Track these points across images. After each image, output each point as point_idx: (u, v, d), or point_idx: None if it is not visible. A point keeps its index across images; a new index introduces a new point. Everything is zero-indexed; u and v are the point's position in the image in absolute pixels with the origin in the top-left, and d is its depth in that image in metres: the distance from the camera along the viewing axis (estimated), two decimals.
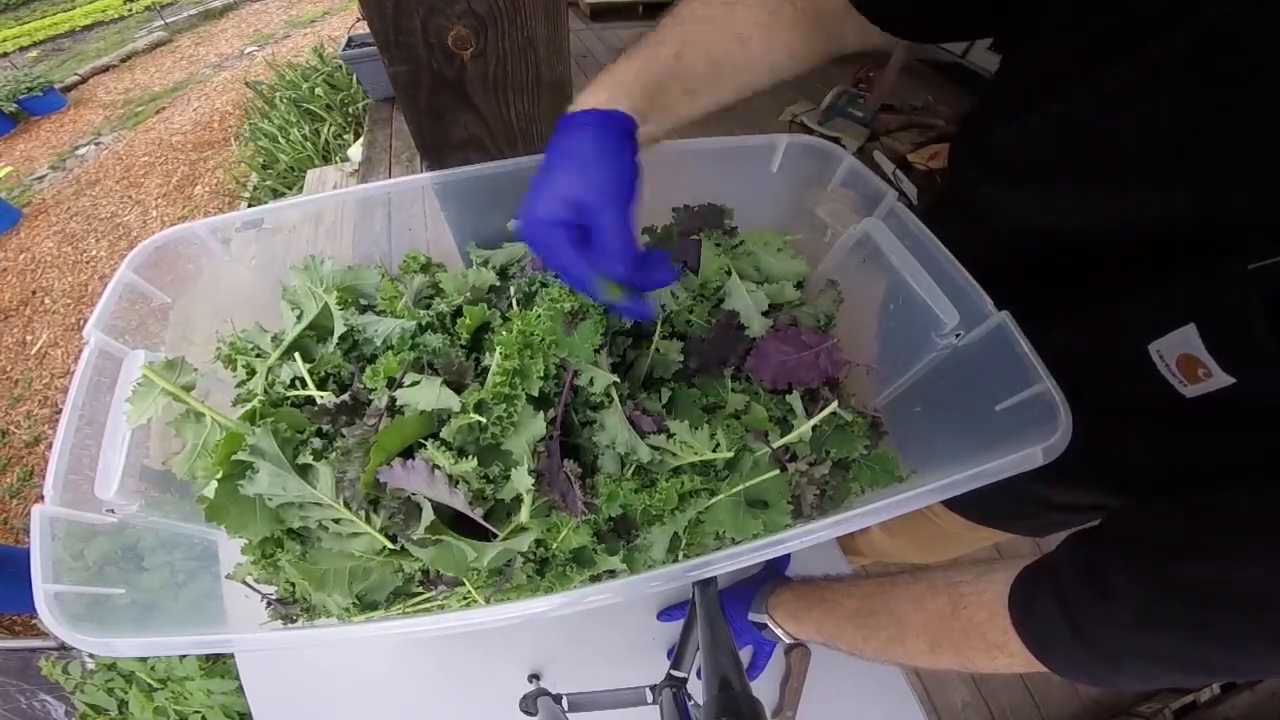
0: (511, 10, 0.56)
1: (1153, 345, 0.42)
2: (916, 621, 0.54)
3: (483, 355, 0.56)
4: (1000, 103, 0.55)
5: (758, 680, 0.72)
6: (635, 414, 0.53)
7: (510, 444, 0.49)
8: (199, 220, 0.63)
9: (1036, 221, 0.51)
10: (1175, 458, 0.46)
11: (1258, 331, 0.35)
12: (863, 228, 0.61)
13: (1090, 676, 0.44)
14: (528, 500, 0.48)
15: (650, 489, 0.51)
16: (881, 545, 1.08)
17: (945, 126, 2.77)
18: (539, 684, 0.73)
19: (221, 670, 1.29)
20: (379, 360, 0.55)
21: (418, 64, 0.58)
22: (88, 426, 0.51)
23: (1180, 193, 0.41)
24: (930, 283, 0.54)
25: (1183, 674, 0.42)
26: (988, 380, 0.50)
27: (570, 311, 0.55)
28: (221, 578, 0.57)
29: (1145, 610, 0.40)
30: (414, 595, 0.54)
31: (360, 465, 0.47)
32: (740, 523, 0.50)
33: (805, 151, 0.66)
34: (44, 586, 0.42)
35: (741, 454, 0.54)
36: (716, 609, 0.59)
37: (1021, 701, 1.48)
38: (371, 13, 0.54)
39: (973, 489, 0.43)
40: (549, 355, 0.51)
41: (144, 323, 0.61)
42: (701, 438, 0.51)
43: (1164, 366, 0.42)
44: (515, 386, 0.49)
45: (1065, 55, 0.46)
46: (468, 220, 0.71)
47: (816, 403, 0.57)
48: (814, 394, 0.59)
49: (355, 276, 0.64)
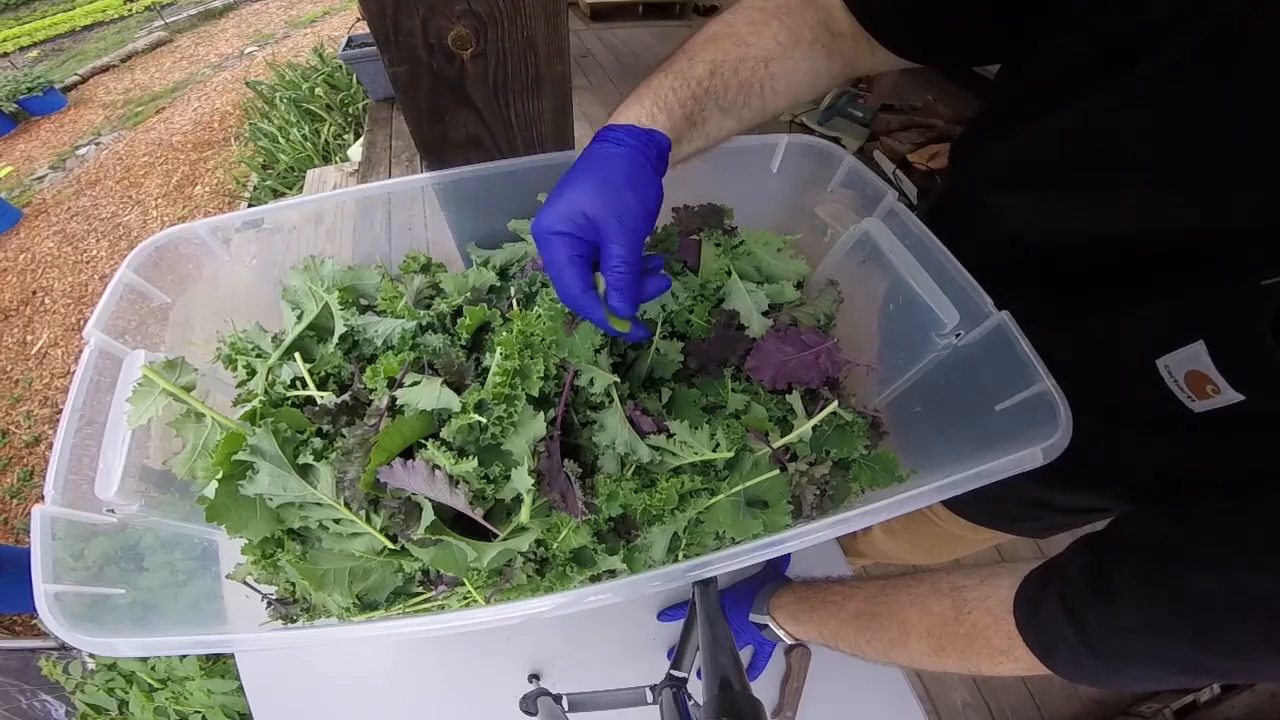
0: (511, 10, 0.56)
1: (1161, 360, 0.42)
2: (920, 625, 0.54)
3: (483, 355, 0.56)
4: (1005, 110, 0.55)
5: (758, 680, 0.72)
6: (635, 414, 0.53)
7: (510, 444, 0.49)
8: (199, 220, 0.63)
9: (1041, 230, 0.51)
10: (1180, 469, 0.46)
11: (1268, 349, 0.35)
12: (863, 228, 0.61)
13: (1094, 679, 0.44)
14: (528, 500, 0.48)
15: (650, 489, 0.51)
16: (882, 546, 1.08)
17: (945, 126, 2.76)
18: (539, 684, 0.73)
19: (221, 670, 1.29)
20: (379, 360, 0.55)
21: (418, 64, 0.58)
22: (88, 426, 0.51)
23: (1187, 205, 0.40)
24: (930, 283, 0.54)
25: (1185, 677, 0.42)
26: (988, 380, 0.50)
27: (570, 311, 0.55)
28: (221, 578, 0.57)
29: (1149, 615, 0.40)
30: (414, 595, 0.54)
31: (361, 465, 0.47)
32: (740, 523, 0.50)
33: (805, 151, 0.66)
34: (44, 586, 0.42)
35: (741, 454, 0.54)
36: (716, 609, 0.59)
37: (1022, 701, 1.48)
38: (371, 13, 0.54)
39: (973, 490, 0.43)
40: (549, 355, 0.51)
41: (144, 323, 0.61)
42: (701, 438, 0.51)
43: (1172, 381, 0.42)
44: (515, 387, 0.49)
45: (1069, 65, 0.45)
46: (468, 220, 0.71)
47: (816, 403, 0.57)
48: (814, 394, 0.59)
49: (355, 276, 0.64)
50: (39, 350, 2.90)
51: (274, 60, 4.12)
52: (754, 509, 0.52)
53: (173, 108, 4.74)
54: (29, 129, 4.68)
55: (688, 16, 4.81)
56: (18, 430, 2.57)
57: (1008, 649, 0.48)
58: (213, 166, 3.94)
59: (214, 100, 4.71)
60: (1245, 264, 0.38)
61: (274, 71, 3.67)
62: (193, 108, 4.67)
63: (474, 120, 0.65)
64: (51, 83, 4.82)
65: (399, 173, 2.53)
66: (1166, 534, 0.43)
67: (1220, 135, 0.38)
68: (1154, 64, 0.39)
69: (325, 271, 0.62)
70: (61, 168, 4.20)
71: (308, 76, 3.51)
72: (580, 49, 4.10)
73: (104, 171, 4.07)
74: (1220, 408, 0.39)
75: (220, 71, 5.20)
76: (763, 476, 0.52)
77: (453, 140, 0.66)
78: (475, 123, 0.65)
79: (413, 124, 0.64)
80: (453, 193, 0.68)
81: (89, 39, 6.11)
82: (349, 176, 2.61)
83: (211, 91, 4.87)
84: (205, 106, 4.64)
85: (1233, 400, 0.38)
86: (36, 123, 4.74)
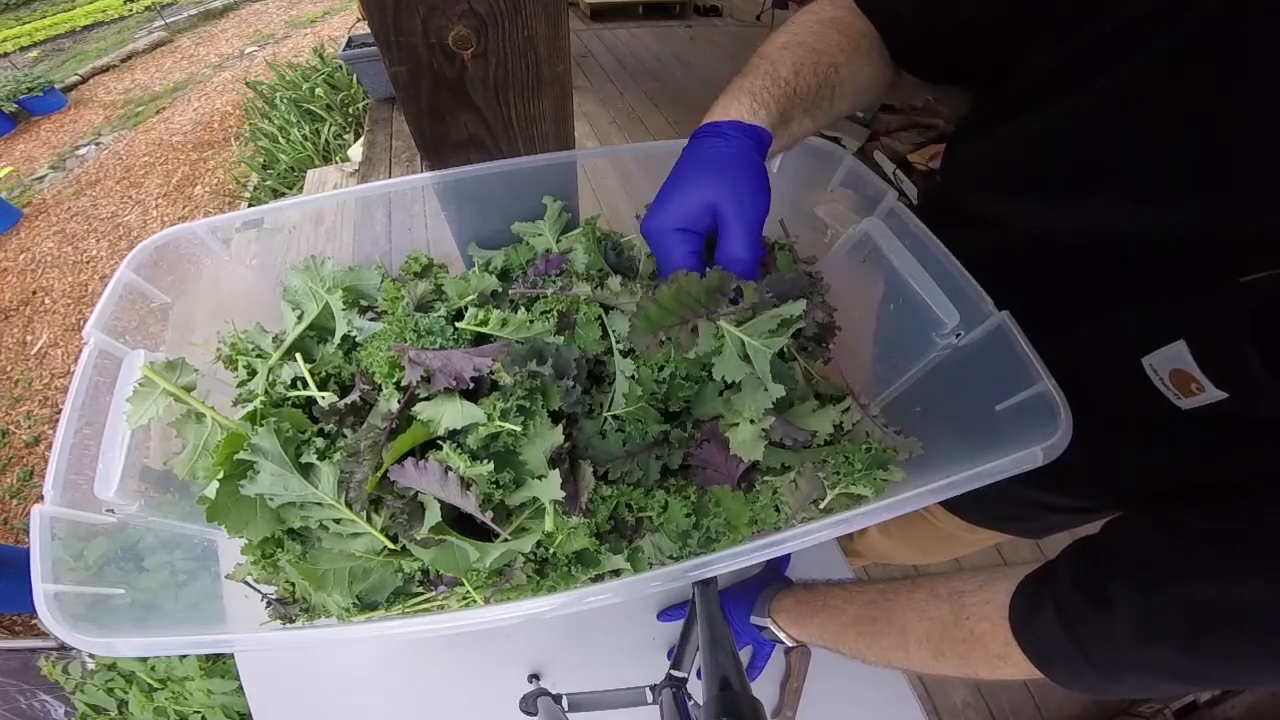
0: (512, 10, 0.56)
1: (1146, 359, 0.42)
2: (919, 630, 0.54)
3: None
4: (990, 111, 0.55)
5: (758, 680, 0.72)
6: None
7: (526, 453, 0.49)
8: (199, 220, 0.63)
9: (1029, 229, 0.52)
10: (1172, 469, 0.46)
11: (1245, 347, 0.35)
12: (863, 228, 0.61)
13: (1091, 688, 0.45)
14: (550, 509, 0.48)
15: (650, 495, 0.51)
16: (879, 546, 1.08)
17: (945, 126, 2.77)
18: (539, 684, 0.73)
19: (221, 670, 1.29)
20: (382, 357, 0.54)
21: (418, 64, 0.58)
22: (88, 426, 0.51)
23: (1167, 205, 0.41)
24: (930, 283, 0.54)
25: (1181, 685, 0.42)
26: (988, 380, 0.50)
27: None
28: (221, 578, 0.57)
29: (1144, 625, 0.40)
30: (414, 595, 0.54)
31: (371, 466, 0.47)
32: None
33: (805, 151, 0.66)
34: (44, 586, 0.42)
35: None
36: (716, 609, 0.59)
37: (1022, 702, 1.48)
38: (372, 12, 0.54)
39: (971, 490, 0.43)
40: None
41: (144, 323, 0.61)
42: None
43: (1158, 380, 0.42)
44: (535, 402, 0.49)
45: (1051, 69, 0.46)
46: (468, 220, 0.71)
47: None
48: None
49: (356, 277, 0.64)
50: (39, 350, 2.90)
51: (274, 60, 4.13)
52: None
53: (173, 108, 4.74)
54: (29, 129, 4.68)
55: (688, 16, 4.82)
56: (18, 430, 2.57)
57: (1005, 654, 0.48)
58: (213, 166, 3.94)
59: (214, 100, 4.71)
60: (1226, 262, 0.38)
61: (274, 71, 3.67)
62: (193, 108, 4.67)
63: (474, 120, 0.65)
64: (52, 83, 4.82)
65: (399, 173, 2.53)
66: (1159, 542, 0.43)
67: (1197, 136, 0.38)
68: (1129, 67, 0.40)
69: (325, 272, 0.62)
70: (61, 168, 4.20)
71: (308, 76, 3.51)
72: (580, 49, 4.11)
73: (104, 171, 4.07)
74: (1208, 405, 0.39)
75: (220, 71, 5.20)
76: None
77: (453, 140, 0.66)
78: (476, 123, 0.65)
79: (413, 124, 0.64)
80: (453, 193, 0.68)
81: (89, 39, 6.11)
82: (349, 176, 2.62)
83: (212, 91, 4.87)
84: (205, 106, 4.64)
85: (1217, 398, 0.38)
86: (37, 123, 4.74)
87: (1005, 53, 0.50)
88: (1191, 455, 0.44)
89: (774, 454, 0.54)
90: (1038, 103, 0.48)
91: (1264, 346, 0.34)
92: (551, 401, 0.50)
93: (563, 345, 0.56)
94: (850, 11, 0.56)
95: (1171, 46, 0.37)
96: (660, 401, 0.56)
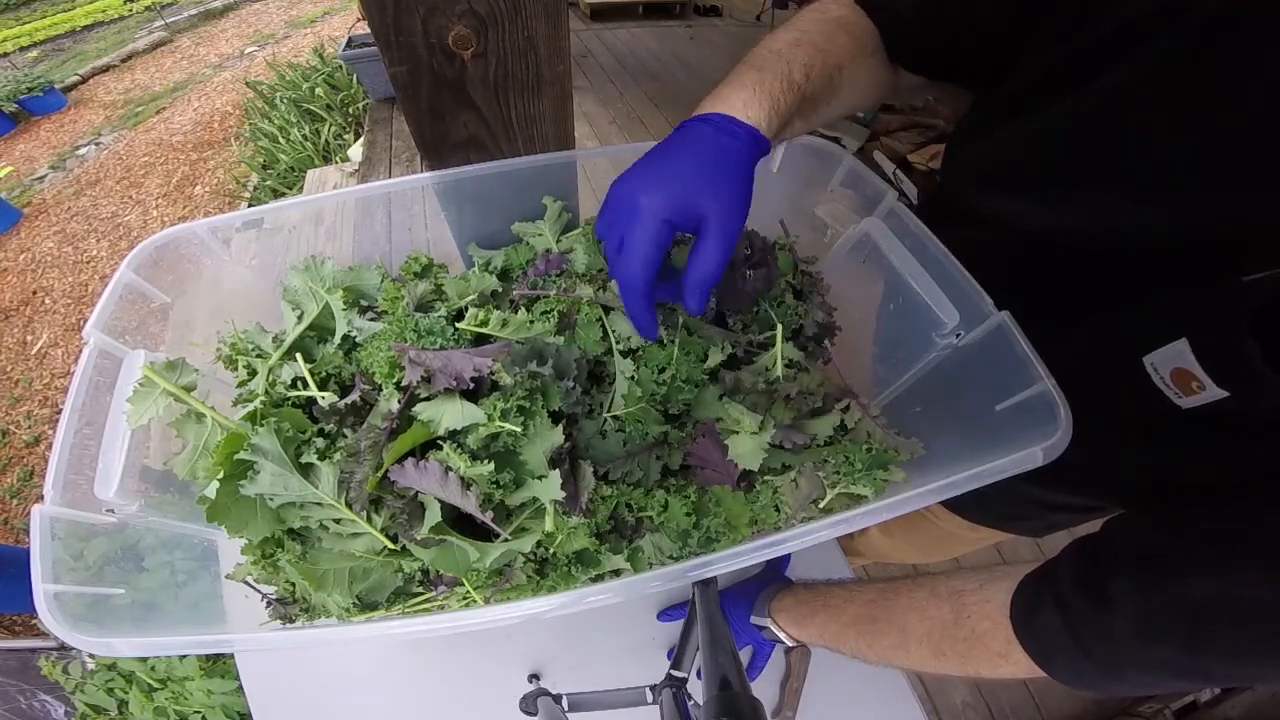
0: (512, 10, 0.56)
1: (1147, 358, 0.42)
2: (920, 629, 0.54)
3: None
4: (990, 110, 0.55)
5: (758, 680, 0.72)
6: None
7: (526, 454, 0.49)
8: (199, 220, 0.63)
9: (1029, 229, 0.52)
10: (1174, 468, 0.46)
11: (1246, 345, 0.35)
12: (863, 228, 0.61)
13: (1092, 686, 0.44)
14: (551, 509, 0.48)
15: (650, 495, 0.51)
16: (879, 546, 1.08)
17: (945, 126, 2.77)
18: (539, 684, 0.73)
19: (221, 670, 1.29)
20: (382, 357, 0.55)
21: (418, 64, 0.58)
22: (88, 426, 0.51)
23: (1169, 205, 0.41)
24: (930, 283, 0.54)
25: (1183, 682, 0.42)
26: (988, 380, 0.50)
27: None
28: (221, 578, 0.57)
29: (1145, 622, 0.40)
30: (414, 595, 0.54)
31: (371, 466, 0.47)
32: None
33: (805, 151, 0.66)
34: (44, 586, 0.42)
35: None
36: (716, 609, 0.59)
37: (1022, 701, 1.48)
38: (371, 12, 0.54)
39: (971, 490, 0.43)
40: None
41: (144, 323, 0.61)
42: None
43: (1159, 379, 0.42)
44: (535, 403, 0.49)
45: (1051, 68, 0.46)
46: (468, 220, 0.71)
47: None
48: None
49: (356, 277, 0.64)
50: (39, 350, 2.90)
51: (274, 60, 4.13)
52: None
53: (173, 108, 4.74)
54: (29, 129, 4.68)
55: (688, 16, 4.82)
56: (18, 430, 2.57)
57: (1006, 653, 0.48)
58: (213, 166, 3.94)
59: (214, 100, 4.71)
60: (1227, 262, 0.38)
61: (274, 71, 3.67)
62: (193, 108, 4.67)
63: (474, 120, 0.65)
64: (52, 83, 4.82)
65: (399, 173, 2.53)
66: (1160, 541, 0.43)
67: (1197, 136, 0.38)
68: (1129, 67, 0.40)
69: (325, 272, 0.62)
70: (61, 168, 4.19)
71: (308, 76, 3.51)
72: (580, 49, 4.11)
73: (104, 171, 4.07)
74: (1208, 404, 0.39)
75: (220, 71, 5.20)
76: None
77: (453, 140, 0.66)
78: (476, 123, 0.65)
79: (413, 124, 0.64)
80: (453, 193, 0.68)
81: (89, 39, 6.11)
82: (349, 176, 2.61)
83: (211, 91, 4.87)
84: (205, 106, 4.64)
85: (1218, 396, 0.38)
86: (37, 123, 4.74)
87: (1005, 52, 0.50)
88: (1192, 454, 0.44)
89: (774, 454, 0.54)
90: (1038, 102, 0.48)
91: (1265, 344, 0.35)
92: (551, 402, 0.50)
93: (563, 346, 0.56)
94: (854, 11, 0.56)
95: (1171, 46, 0.37)
96: (660, 403, 0.56)
